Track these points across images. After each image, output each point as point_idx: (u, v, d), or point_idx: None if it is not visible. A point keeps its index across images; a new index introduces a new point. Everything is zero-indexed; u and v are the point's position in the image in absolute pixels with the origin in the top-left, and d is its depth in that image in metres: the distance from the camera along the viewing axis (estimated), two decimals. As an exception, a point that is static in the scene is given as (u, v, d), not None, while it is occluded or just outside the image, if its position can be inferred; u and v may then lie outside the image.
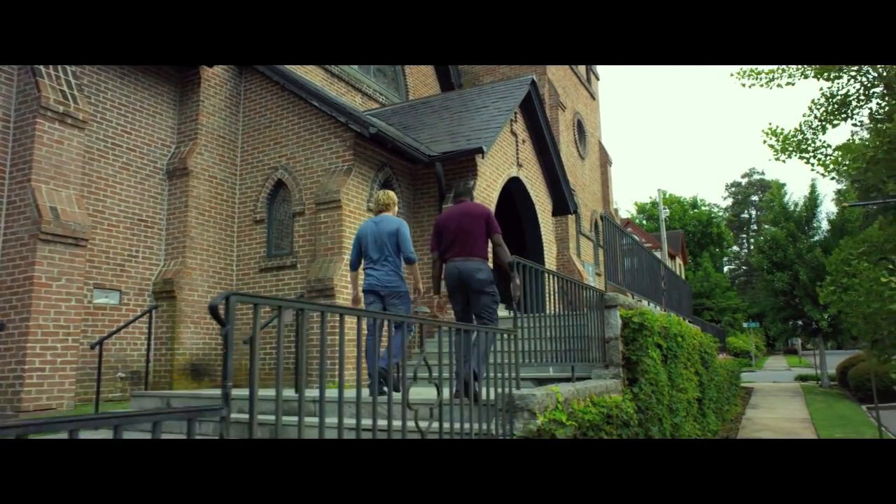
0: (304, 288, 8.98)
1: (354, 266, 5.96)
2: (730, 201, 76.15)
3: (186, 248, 9.31)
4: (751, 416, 15.46)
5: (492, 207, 10.58)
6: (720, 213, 71.60)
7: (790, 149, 6.81)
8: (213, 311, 2.13)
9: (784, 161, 7.24)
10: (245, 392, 2.32)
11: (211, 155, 9.81)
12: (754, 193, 73.72)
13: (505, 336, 4.27)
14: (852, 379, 19.34)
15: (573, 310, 5.78)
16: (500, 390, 4.13)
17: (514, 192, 12.04)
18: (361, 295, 5.87)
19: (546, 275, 5.75)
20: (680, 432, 7.55)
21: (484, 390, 4.15)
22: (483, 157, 10.08)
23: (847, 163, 6.16)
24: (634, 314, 6.60)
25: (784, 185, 28.60)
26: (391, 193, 5.95)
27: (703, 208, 67.84)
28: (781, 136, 6.83)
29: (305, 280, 8.96)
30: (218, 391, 8.07)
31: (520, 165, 11.81)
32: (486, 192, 10.45)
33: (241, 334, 9.69)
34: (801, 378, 25.85)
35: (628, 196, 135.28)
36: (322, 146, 9.48)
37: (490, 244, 5.21)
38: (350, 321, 5.17)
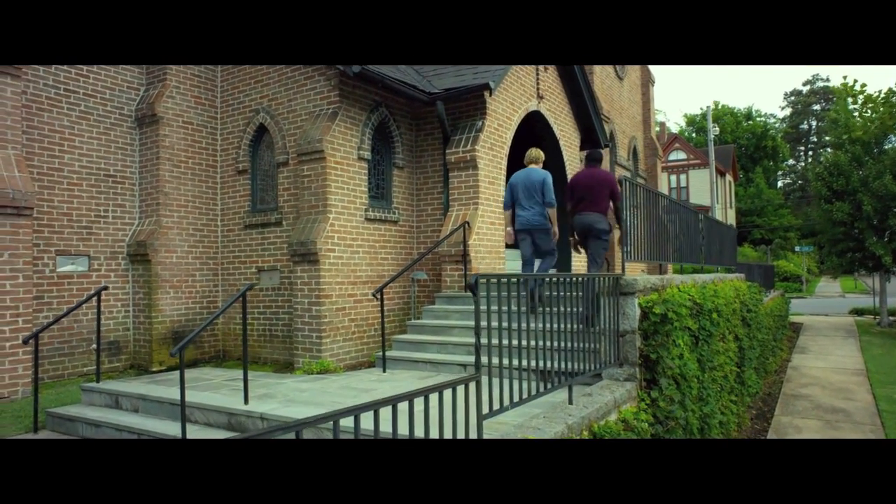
0: (289, 249, 8.02)
1: (508, 206, 7.09)
2: (788, 111, 71.09)
3: (161, 204, 8.38)
4: (797, 365, 14.25)
5: (505, 150, 9.23)
6: (776, 125, 67.13)
7: (875, 115, 5.15)
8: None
9: (870, 140, 5.51)
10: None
11: (184, 97, 8.68)
12: (816, 103, 68.49)
13: (462, 386, 3.20)
14: (915, 318, 17.68)
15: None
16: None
17: (535, 122, 10.59)
18: (512, 231, 7.10)
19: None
20: (710, 422, 6.51)
21: (423, 431, 3.12)
22: (491, 95, 8.66)
23: None
24: (656, 302, 5.42)
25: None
26: (540, 152, 7.20)
27: (759, 119, 63.68)
28: (863, 96, 5.14)
29: (289, 242, 7.98)
30: (197, 371, 7.28)
31: (541, 97, 10.30)
32: (499, 132, 9.08)
33: (228, 294, 8.88)
34: (857, 311, 24.08)
35: (677, 107, 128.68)
36: (305, 86, 8.22)
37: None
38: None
